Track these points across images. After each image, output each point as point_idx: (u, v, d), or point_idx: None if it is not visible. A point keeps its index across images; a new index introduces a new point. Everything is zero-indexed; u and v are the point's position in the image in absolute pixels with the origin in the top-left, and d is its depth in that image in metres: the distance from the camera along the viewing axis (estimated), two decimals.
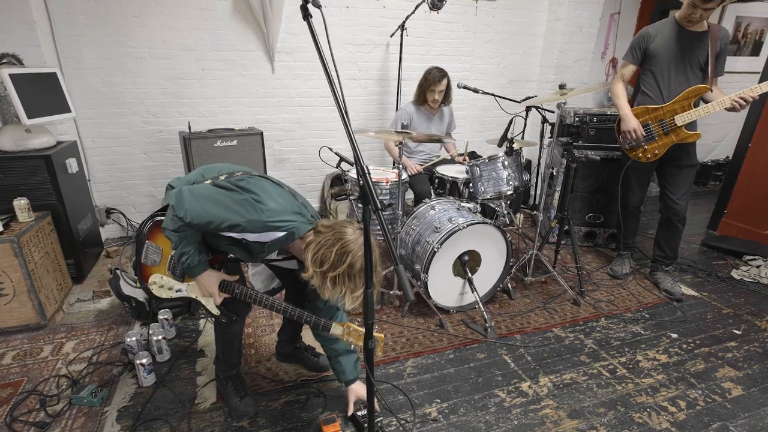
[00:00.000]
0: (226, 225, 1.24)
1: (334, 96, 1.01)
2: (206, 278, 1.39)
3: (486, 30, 3.92)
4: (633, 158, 2.57)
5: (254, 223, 1.24)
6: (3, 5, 2.43)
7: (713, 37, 2.31)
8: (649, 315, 2.49)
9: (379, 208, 0.99)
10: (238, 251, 1.37)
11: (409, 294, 0.93)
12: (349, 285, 1.20)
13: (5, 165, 2.15)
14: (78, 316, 2.25)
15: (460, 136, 4.12)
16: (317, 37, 1.05)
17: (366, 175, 0.99)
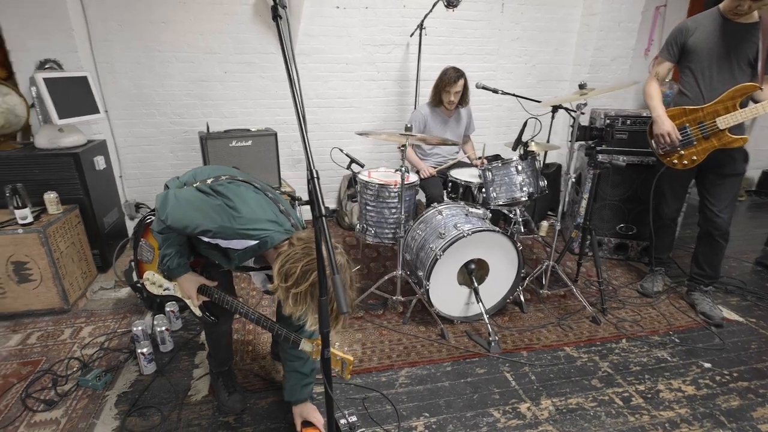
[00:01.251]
0: (200, 230, 1.25)
1: (293, 96, 0.99)
2: (185, 281, 1.43)
3: (513, 27, 3.77)
4: (667, 165, 2.36)
5: (226, 229, 1.24)
6: (45, 14, 2.64)
7: (765, 28, 2.06)
8: (679, 340, 2.27)
9: (322, 214, 0.95)
10: (218, 256, 1.39)
11: (342, 305, 0.89)
12: (311, 304, 1.13)
13: (40, 161, 2.33)
14: (99, 303, 2.40)
15: (483, 138, 3.98)
16: (284, 40, 1.03)
17: (315, 179, 0.96)
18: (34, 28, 2.65)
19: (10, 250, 2.07)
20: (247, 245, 1.28)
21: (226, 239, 1.27)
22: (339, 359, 1.27)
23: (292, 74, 1.00)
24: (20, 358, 1.96)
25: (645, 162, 2.91)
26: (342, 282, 1.06)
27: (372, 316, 2.41)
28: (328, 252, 0.93)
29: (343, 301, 0.88)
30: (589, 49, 3.82)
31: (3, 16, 2.60)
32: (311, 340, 1.32)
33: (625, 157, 2.94)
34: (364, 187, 2.60)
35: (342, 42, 3.44)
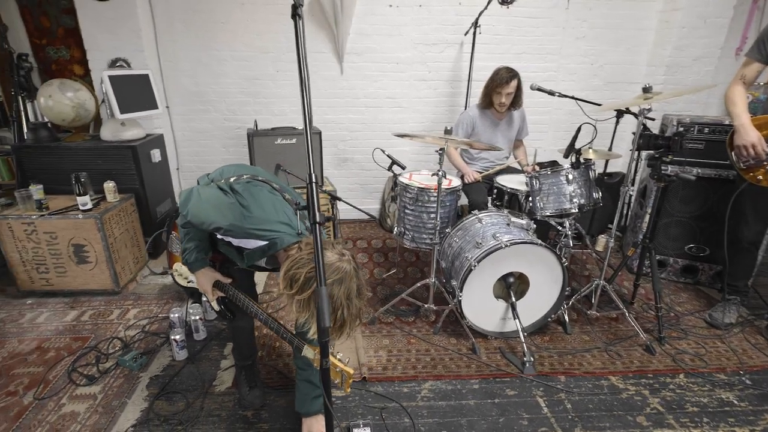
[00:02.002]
0: (213, 226, 1.26)
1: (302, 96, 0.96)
2: (201, 275, 1.47)
3: (579, 25, 3.49)
4: (749, 181, 2.06)
5: (236, 227, 1.24)
6: (117, 16, 2.86)
7: None
8: (751, 381, 1.97)
9: (316, 221, 0.91)
10: (233, 253, 1.41)
11: (325, 319, 0.83)
12: (314, 311, 1.08)
13: (103, 152, 2.54)
14: (147, 287, 2.57)
15: (540, 144, 3.75)
16: (300, 40, 1.00)
17: (312, 184, 0.92)
18: (108, 29, 2.89)
19: (72, 233, 2.27)
20: (257, 245, 1.28)
21: (236, 237, 1.28)
22: (339, 371, 1.22)
23: (303, 74, 0.97)
24: (73, 333, 2.14)
25: (724, 176, 2.57)
26: (344, 292, 1.03)
27: (402, 323, 2.34)
28: (317, 262, 0.88)
29: (326, 315, 0.82)
30: (667, 48, 3.45)
31: (83, 18, 2.86)
32: (314, 347, 1.28)
33: (699, 170, 2.61)
34: (403, 190, 2.54)
35: (393, 41, 3.39)
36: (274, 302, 2.51)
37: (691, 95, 3.59)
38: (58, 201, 2.38)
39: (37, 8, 3.12)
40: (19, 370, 1.87)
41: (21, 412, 1.63)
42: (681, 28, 3.33)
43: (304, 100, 0.95)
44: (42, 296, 2.43)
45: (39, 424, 1.59)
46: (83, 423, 1.60)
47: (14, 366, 1.89)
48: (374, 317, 2.34)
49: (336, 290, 1.08)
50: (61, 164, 2.50)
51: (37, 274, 2.34)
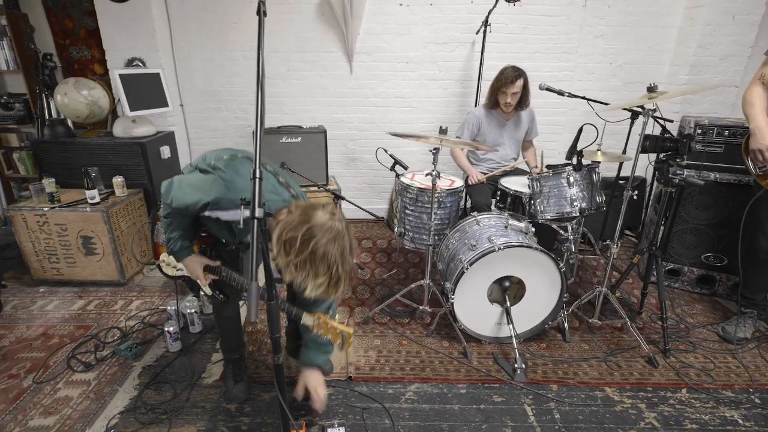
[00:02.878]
0: (200, 205, 1.30)
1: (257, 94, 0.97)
2: (190, 262, 1.51)
3: (597, 23, 3.36)
4: (766, 188, 1.94)
5: (221, 200, 1.27)
6: (134, 17, 2.97)
7: None
8: (760, 401, 1.85)
9: (254, 216, 0.92)
10: (224, 233, 1.44)
11: (252, 314, 0.84)
12: (310, 271, 1.12)
13: (115, 148, 2.64)
14: (152, 280, 2.66)
15: (555, 145, 3.66)
16: (262, 37, 1.01)
17: (256, 179, 0.94)
18: (125, 30, 3.01)
19: (80, 225, 2.37)
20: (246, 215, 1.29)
21: (224, 210, 1.30)
22: (339, 332, 1.26)
23: (260, 73, 0.98)
24: (77, 321, 2.25)
25: (744, 181, 2.42)
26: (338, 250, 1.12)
27: (396, 324, 2.32)
28: (266, 260, 0.89)
29: (253, 310, 0.83)
30: (691, 46, 3.28)
31: (102, 20, 2.99)
32: (312, 314, 1.32)
33: (718, 175, 2.47)
34: (404, 190, 2.52)
35: (403, 40, 3.37)
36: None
37: (717, 96, 3.40)
38: (71, 194, 2.50)
39: (61, 11, 3.28)
40: (23, 355, 1.97)
41: (19, 395, 1.72)
42: (706, 26, 3.16)
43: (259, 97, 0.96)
44: (53, 285, 2.56)
45: (34, 406, 1.68)
46: (74, 407, 1.67)
47: (19, 350, 2.00)
48: (368, 317, 2.33)
49: (330, 248, 1.12)
50: (75, 159, 2.62)
51: (49, 263, 2.47)
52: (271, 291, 1.03)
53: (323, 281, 1.13)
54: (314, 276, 1.13)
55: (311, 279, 1.13)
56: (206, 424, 1.63)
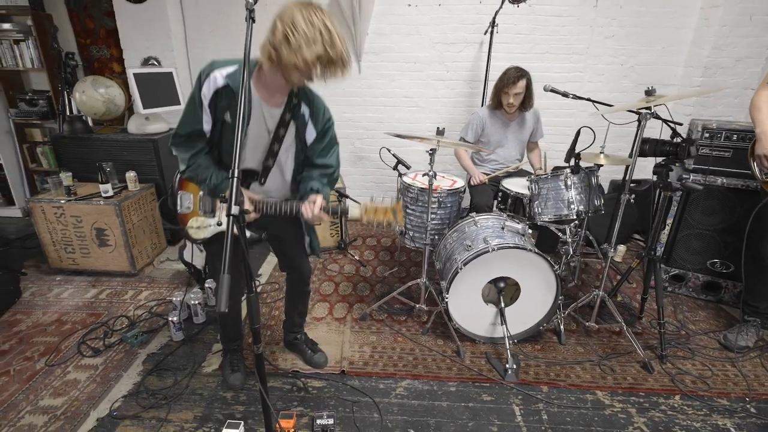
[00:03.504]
0: (197, 93, 1.36)
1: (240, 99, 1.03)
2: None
3: (609, 24, 3.32)
4: None
5: (207, 73, 1.35)
6: (150, 17, 3.09)
7: None
8: (756, 410, 1.83)
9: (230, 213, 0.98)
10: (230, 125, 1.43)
11: (222, 305, 0.88)
12: (301, 38, 1.20)
13: (129, 145, 2.76)
14: (161, 272, 2.77)
15: (563, 146, 3.59)
16: (249, 43, 1.06)
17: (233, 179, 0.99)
18: (142, 30, 3.12)
19: (94, 217, 2.49)
20: (229, 71, 1.36)
21: (216, 82, 1.35)
22: (388, 208, 1.39)
23: (243, 77, 1.03)
24: (90, 309, 2.36)
25: (752, 187, 2.37)
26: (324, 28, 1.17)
27: (393, 321, 2.37)
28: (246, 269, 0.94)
29: (223, 300, 0.88)
30: (705, 48, 3.21)
31: (120, 20, 3.12)
32: (357, 206, 1.43)
33: (725, 179, 2.43)
34: (406, 190, 2.57)
35: (412, 40, 3.40)
36: (275, 292, 2.62)
37: (733, 98, 3.32)
38: (86, 188, 2.62)
39: (83, 11, 3.42)
40: (38, 339, 2.09)
41: (32, 376, 1.84)
42: (722, 27, 3.09)
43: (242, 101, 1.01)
44: (69, 274, 2.69)
45: (45, 387, 1.79)
46: (82, 390, 1.78)
47: (35, 335, 2.12)
48: (366, 313, 2.39)
49: (308, 13, 1.20)
50: (92, 154, 2.75)
51: (65, 253, 2.60)
52: (251, 284, 1.08)
53: (320, 48, 1.19)
54: (309, 42, 1.19)
55: (307, 47, 1.19)
56: (203, 410, 1.71)
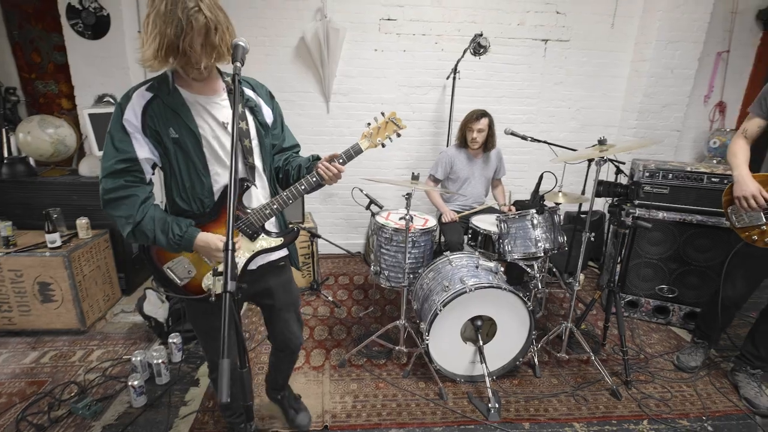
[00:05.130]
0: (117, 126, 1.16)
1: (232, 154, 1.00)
2: (205, 237, 1.22)
3: (557, 71, 3.65)
4: (745, 240, 1.97)
5: (121, 100, 1.17)
6: (107, 54, 2.96)
7: None
8: (713, 428, 1.97)
9: (226, 290, 0.88)
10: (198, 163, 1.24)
11: (223, 394, 0.78)
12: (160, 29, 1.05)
13: (80, 188, 2.56)
14: (116, 326, 2.53)
15: (522, 182, 3.86)
16: (237, 103, 1.06)
17: (228, 251, 0.90)
18: (96, 67, 2.97)
19: (38, 271, 2.25)
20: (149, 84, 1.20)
21: (141, 99, 1.17)
22: (388, 121, 1.42)
23: (233, 137, 1.01)
24: (30, 376, 2.09)
25: (688, 220, 2.65)
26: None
27: (373, 366, 2.32)
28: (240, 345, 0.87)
29: (224, 389, 0.79)
30: (638, 95, 3.62)
31: (72, 55, 2.95)
32: (364, 139, 1.43)
33: (665, 214, 2.69)
34: (379, 230, 2.58)
35: (379, 82, 3.52)
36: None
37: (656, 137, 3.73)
38: (28, 237, 2.38)
39: (29, 44, 3.20)
40: None
41: None
42: (650, 77, 3.51)
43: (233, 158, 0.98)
44: (3, 336, 2.38)
45: None
46: None
47: None
48: (344, 359, 2.32)
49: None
50: (36, 199, 2.51)
51: None
52: (243, 359, 1.01)
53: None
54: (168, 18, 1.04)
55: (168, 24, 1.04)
56: None
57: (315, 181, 1.33)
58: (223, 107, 1.27)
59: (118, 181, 1.16)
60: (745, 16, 3.63)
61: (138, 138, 1.17)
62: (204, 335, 1.46)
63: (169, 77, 1.20)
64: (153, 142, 1.19)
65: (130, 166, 1.17)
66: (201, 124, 1.22)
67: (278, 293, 1.50)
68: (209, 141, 1.23)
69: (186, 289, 1.33)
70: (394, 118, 1.42)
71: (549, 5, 3.48)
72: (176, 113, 1.19)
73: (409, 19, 3.41)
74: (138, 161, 1.17)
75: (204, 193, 1.25)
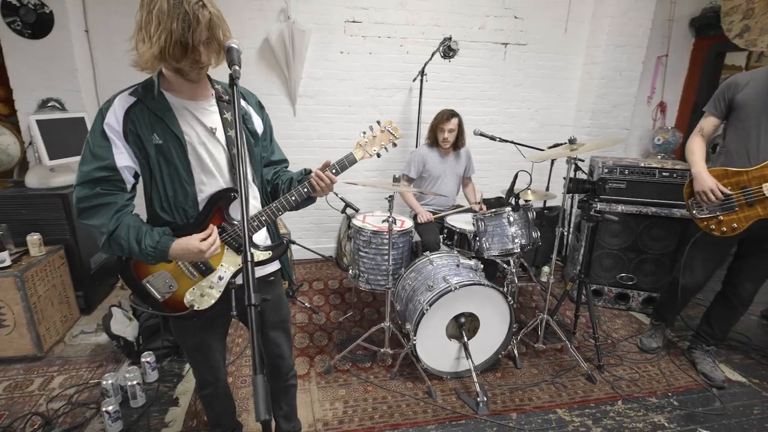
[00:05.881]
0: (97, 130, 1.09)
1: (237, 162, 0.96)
2: (181, 245, 1.14)
3: (516, 74, 3.81)
4: (704, 230, 2.13)
5: (104, 105, 1.11)
6: (51, 55, 2.72)
7: None
8: (678, 402, 2.14)
9: (251, 303, 0.84)
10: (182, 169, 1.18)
11: (261, 412, 0.75)
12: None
13: (28, 201, 2.33)
14: (76, 349, 2.33)
15: (485, 180, 3.97)
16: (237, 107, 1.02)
17: (248, 263, 0.87)
18: (40, 69, 2.73)
19: None
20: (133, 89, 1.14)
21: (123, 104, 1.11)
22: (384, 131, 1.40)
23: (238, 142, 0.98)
24: None
25: (644, 212, 2.85)
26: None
27: (359, 370, 2.30)
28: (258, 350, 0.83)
29: (261, 407, 0.76)
30: (590, 96, 3.84)
31: (10, 57, 2.68)
32: (358, 149, 1.40)
33: (623, 207, 2.88)
34: (357, 233, 2.57)
35: (345, 85, 3.50)
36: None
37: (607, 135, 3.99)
38: None
39: None
40: None
41: None
42: (601, 80, 3.75)
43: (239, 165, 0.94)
44: None
45: None
46: None
47: None
48: (330, 366, 2.28)
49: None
50: None
51: None
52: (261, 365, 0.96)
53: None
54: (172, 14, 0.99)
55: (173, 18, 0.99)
56: None
57: (306, 192, 1.29)
58: (211, 113, 1.22)
59: (94, 188, 1.10)
60: (681, 23, 3.96)
61: (118, 145, 1.10)
62: (193, 352, 1.38)
63: (155, 82, 1.14)
64: (134, 149, 1.12)
65: (108, 174, 1.10)
66: (187, 130, 1.16)
67: (267, 311, 1.41)
68: (195, 147, 1.17)
69: (166, 304, 1.25)
70: (391, 127, 1.40)
71: (508, 10, 3.62)
72: (160, 118, 1.12)
73: (374, 22, 3.41)
74: (117, 169, 1.10)
75: (188, 203, 1.19)
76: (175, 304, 1.24)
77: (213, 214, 1.21)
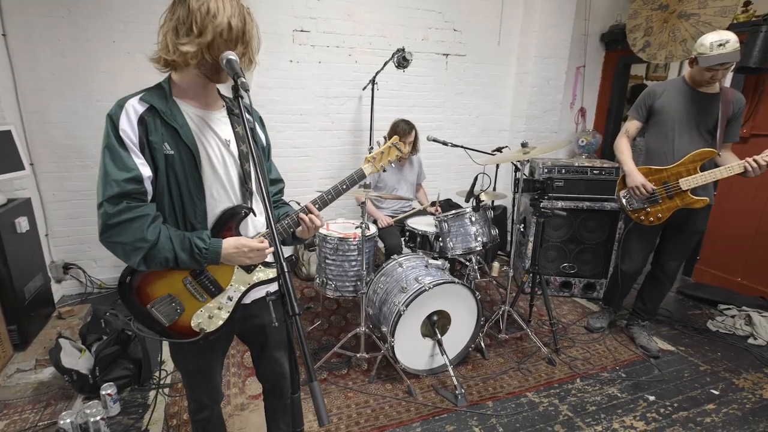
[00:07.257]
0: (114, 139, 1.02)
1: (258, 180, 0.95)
2: (232, 246, 1.11)
3: (457, 82, 4.05)
4: (635, 220, 2.45)
5: (113, 110, 1.05)
6: None
7: (725, 100, 2.20)
8: (625, 374, 2.41)
9: (295, 312, 0.85)
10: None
11: (323, 417, 0.78)
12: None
13: None
14: (14, 390, 2.06)
15: (435, 184, 4.15)
16: (245, 118, 1.01)
17: (284, 274, 0.87)
18: None
19: None
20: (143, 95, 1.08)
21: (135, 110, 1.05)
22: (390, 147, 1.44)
23: (252, 154, 0.97)
24: None
25: (580, 207, 3.18)
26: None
27: (336, 377, 2.30)
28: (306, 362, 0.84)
29: (323, 414, 0.78)
30: (524, 103, 4.20)
31: None
32: (367, 164, 1.43)
33: (563, 203, 3.19)
34: (323, 241, 2.56)
35: (297, 93, 3.48)
36: None
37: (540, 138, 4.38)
38: None
39: None
40: None
41: None
42: (532, 87, 4.11)
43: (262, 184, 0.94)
44: None
45: None
46: None
47: None
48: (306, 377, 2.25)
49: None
50: None
51: None
52: (296, 384, 0.96)
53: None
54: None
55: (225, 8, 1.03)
56: None
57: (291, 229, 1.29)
58: (224, 124, 1.19)
59: (121, 202, 1.01)
60: (593, 38, 4.48)
61: (138, 154, 1.04)
62: (194, 375, 1.31)
63: (166, 88, 1.08)
64: (148, 158, 1.05)
65: (136, 187, 1.03)
66: (201, 140, 1.12)
67: (272, 331, 1.35)
68: (210, 159, 1.13)
69: (172, 329, 1.18)
70: (397, 143, 1.46)
71: (447, 23, 3.86)
72: (173, 128, 1.07)
73: (323, 32, 3.45)
74: (142, 180, 1.04)
75: (197, 218, 1.13)
76: (181, 328, 1.18)
77: (224, 232, 1.17)
